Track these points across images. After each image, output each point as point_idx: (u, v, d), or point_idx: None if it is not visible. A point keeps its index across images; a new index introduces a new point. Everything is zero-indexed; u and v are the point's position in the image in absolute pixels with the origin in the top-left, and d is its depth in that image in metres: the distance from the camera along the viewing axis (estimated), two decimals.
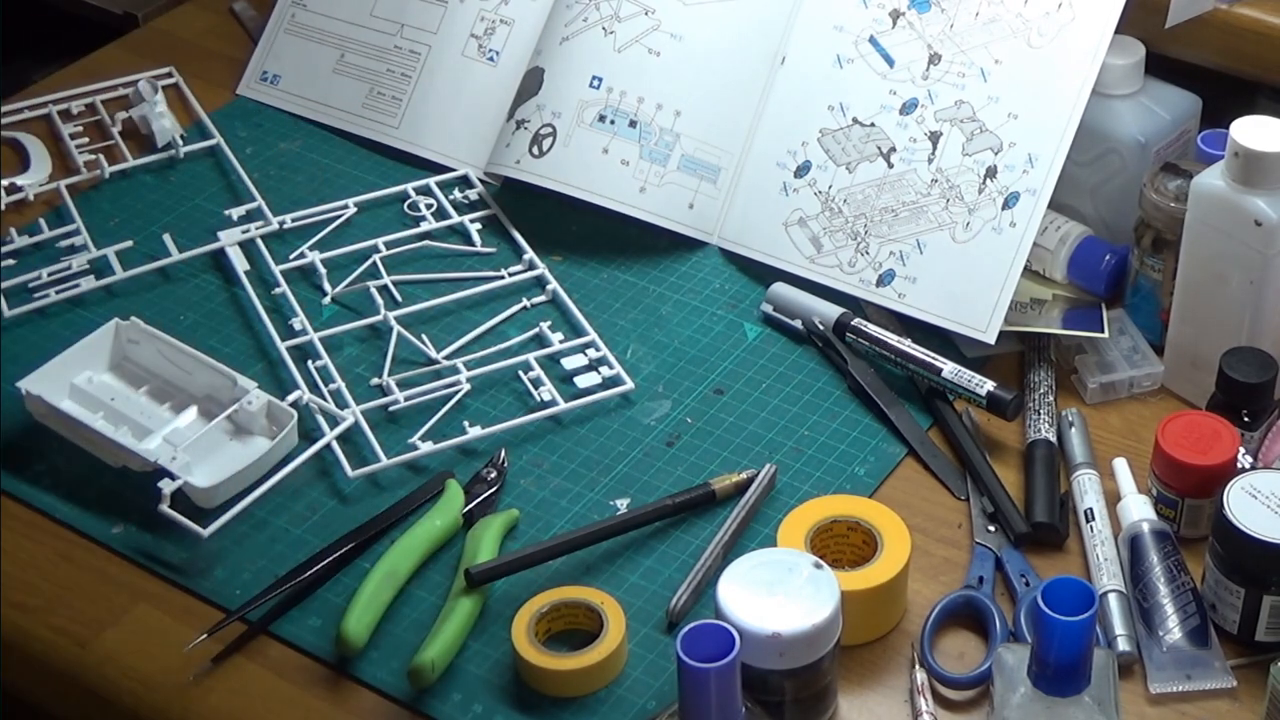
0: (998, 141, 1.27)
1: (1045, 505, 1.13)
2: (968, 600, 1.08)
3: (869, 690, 1.05)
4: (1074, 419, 1.19)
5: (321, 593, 1.10)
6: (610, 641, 1.04)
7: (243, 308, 1.32)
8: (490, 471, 1.17)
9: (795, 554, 1.01)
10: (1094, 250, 1.29)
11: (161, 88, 1.54)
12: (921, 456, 1.19)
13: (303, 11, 1.53)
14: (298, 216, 1.40)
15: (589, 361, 1.26)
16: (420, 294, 1.33)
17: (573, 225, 1.39)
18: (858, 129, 1.32)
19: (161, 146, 1.48)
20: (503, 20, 1.46)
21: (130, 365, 1.25)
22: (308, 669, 1.07)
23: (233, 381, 1.21)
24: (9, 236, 1.38)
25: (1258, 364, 1.14)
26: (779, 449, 1.19)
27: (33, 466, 1.19)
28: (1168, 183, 1.23)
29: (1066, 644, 0.91)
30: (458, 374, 1.25)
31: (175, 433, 1.19)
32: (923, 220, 1.28)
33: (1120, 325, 1.27)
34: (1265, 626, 1.04)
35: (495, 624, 1.08)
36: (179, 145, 1.48)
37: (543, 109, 1.39)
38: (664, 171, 1.36)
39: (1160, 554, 1.08)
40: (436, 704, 1.04)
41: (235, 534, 1.14)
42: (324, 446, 1.18)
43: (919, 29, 1.32)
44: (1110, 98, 1.29)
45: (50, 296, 1.32)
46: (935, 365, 1.22)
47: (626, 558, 1.12)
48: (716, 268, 1.35)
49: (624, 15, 1.38)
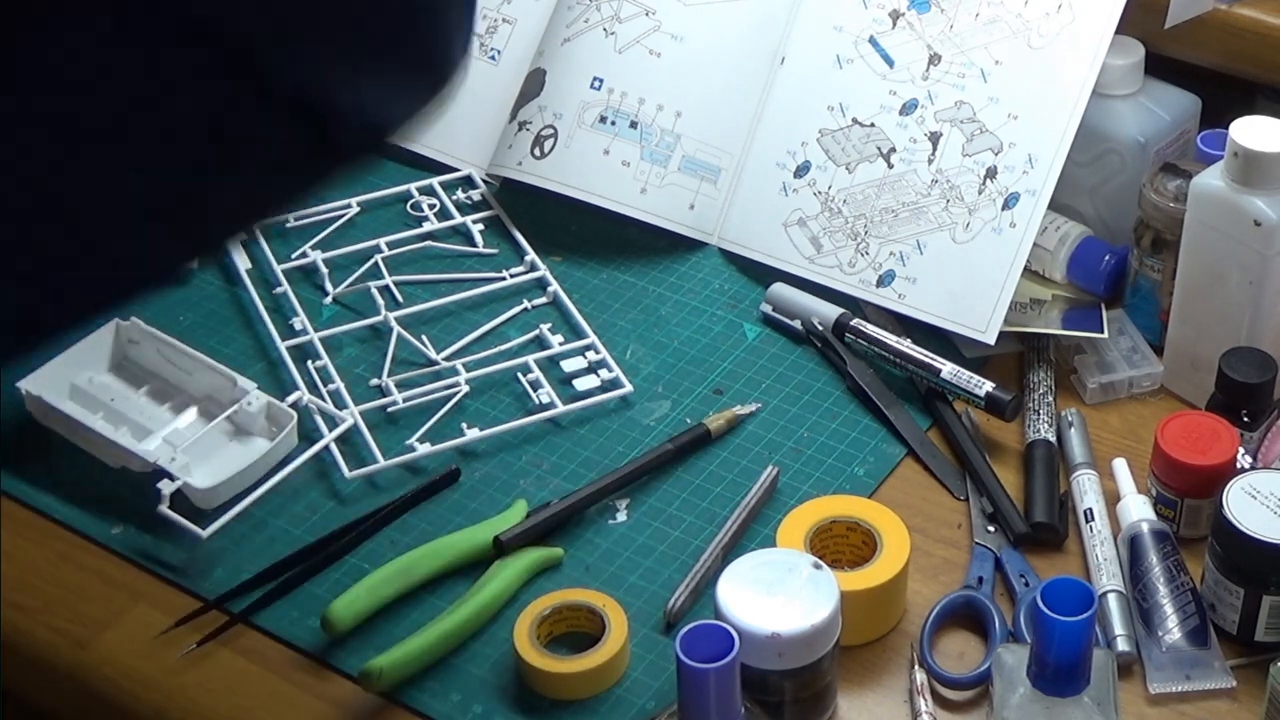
0: (998, 142, 1.27)
1: (1045, 505, 1.13)
2: (967, 600, 1.08)
3: (869, 690, 1.05)
4: (1073, 419, 1.19)
5: (318, 591, 1.11)
6: (612, 644, 1.04)
7: (243, 307, 1.32)
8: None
9: (795, 554, 1.01)
10: (1094, 250, 1.29)
11: None
12: (921, 457, 1.19)
13: None
14: (300, 215, 1.40)
15: (588, 364, 1.26)
16: (421, 294, 1.33)
17: (572, 225, 1.39)
18: (857, 129, 1.32)
19: None
20: (505, 19, 1.46)
21: (130, 365, 1.25)
22: (308, 667, 1.07)
23: (232, 382, 1.21)
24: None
25: (1257, 364, 1.14)
26: (778, 449, 1.19)
27: (33, 466, 1.19)
28: (1167, 183, 1.22)
29: (1066, 644, 0.91)
30: (457, 375, 1.25)
31: (175, 433, 1.19)
32: (923, 221, 1.28)
33: (1120, 325, 1.27)
34: (1265, 626, 1.04)
35: (495, 624, 1.08)
36: None
37: (544, 110, 1.39)
38: (665, 172, 1.36)
39: (1160, 554, 1.08)
40: (436, 704, 1.04)
41: (234, 534, 1.14)
42: (323, 448, 1.18)
43: (919, 29, 1.32)
44: (1110, 98, 1.29)
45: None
46: (934, 366, 1.22)
47: (626, 558, 1.12)
48: (716, 268, 1.35)
49: (625, 16, 1.38)
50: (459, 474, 1.17)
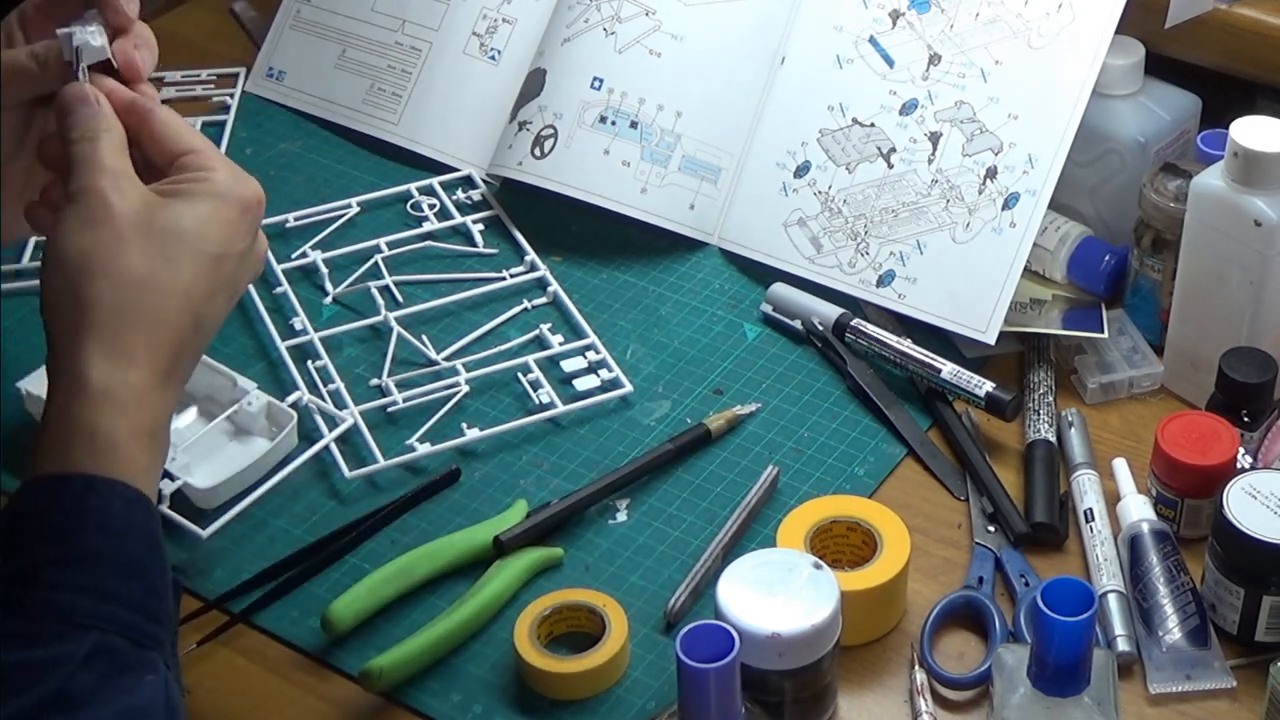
0: (998, 142, 1.27)
1: (1045, 505, 1.13)
2: (967, 600, 1.08)
3: (869, 690, 1.05)
4: (1073, 419, 1.19)
5: (318, 591, 1.11)
6: (613, 644, 1.04)
7: (244, 307, 1.32)
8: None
9: (795, 554, 1.01)
10: (1094, 250, 1.29)
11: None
12: (921, 457, 1.19)
13: (307, 7, 1.53)
14: (300, 215, 1.40)
15: (588, 364, 1.26)
16: (421, 294, 1.33)
17: (572, 225, 1.39)
18: (858, 129, 1.32)
19: None
20: (505, 19, 1.46)
21: None
22: (308, 667, 1.07)
23: (232, 382, 1.21)
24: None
25: (1257, 364, 1.14)
26: (779, 449, 1.19)
27: None
28: (1167, 183, 1.22)
29: (1066, 644, 0.91)
30: (457, 375, 1.25)
31: (175, 433, 1.19)
32: (923, 221, 1.28)
33: (1120, 325, 1.27)
34: (1265, 626, 1.04)
35: (495, 624, 1.08)
36: None
37: (544, 110, 1.39)
38: (665, 172, 1.36)
39: (1160, 554, 1.08)
40: (436, 704, 1.04)
41: (234, 534, 1.14)
42: (323, 448, 1.18)
43: (919, 29, 1.32)
44: (1110, 98, 1.29)
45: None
46: (935, 366, 1.22)
47: (626, 558, 1.12)
48: (716, 268, 1.35)
49: (625, 16, 1.38)
50: (459, 474, 1.17)
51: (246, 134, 1.50)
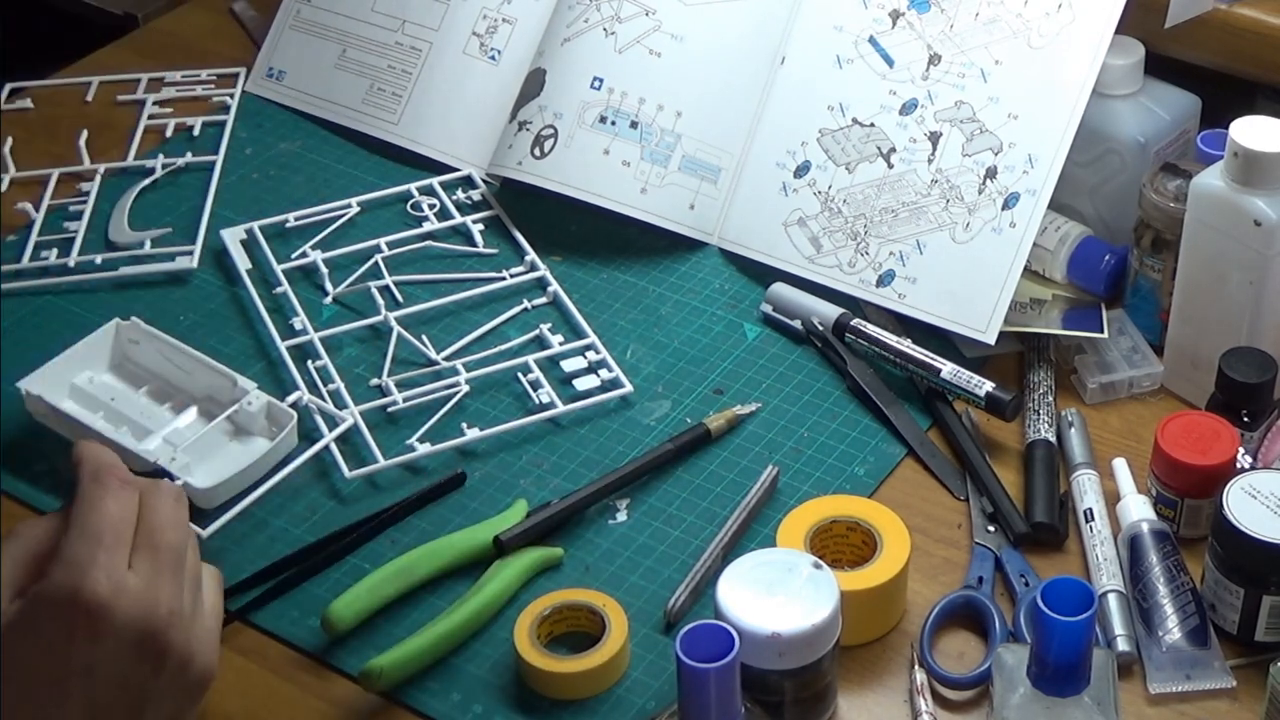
0: (998, 142, 1.27)
1: (1045, 505, 1.13)
2: (967, 600, 1.08)
3: (869, 690, 1.05)
4: (1073, 419, 1.19)
5: (318, 591, 1.11)
6: (613, 644, 1.04)
7: (243, 307, 1.32)
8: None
9: (795, 554, 1.01)
10: (1094, 250, 1.29)
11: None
12: (921, 457, 1.19)
13: (307, 7, 1.53)
14: (300, 215, 1.40)
15: (588, 364, 1.26)
16: (421, 294, 1.33)
17: (572, 225, 1.39)
18: (857, 129, 1.32)
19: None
20: (505, 19, 1.46)
21: (130, 365, 1.25)
22: (308, 667, 1.07)
23: (232, 382, 1.21)
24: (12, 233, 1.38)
25: (1257, 364, 1.14)
26: (778, 449, 1.19)
27: (33, 466, 1.19)
28: (1167, 183, 1.23)
29: (1066, 644, 0.91)
30: (457, 375, 1.25)
31: (175, 433, 1.19)
32: (923, 221, 1.28)
33: (1120, 325, 1.27)
34: (1265, 626, 1.04)
35: (495, 624, 1.08)
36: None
37: (544, 110, 1.39)
38: (665, 172, 1.36)
39: (1160, 554, 1.08)
40: (436, 704, 1.04)
41: (235, 534, 1.14)
42: (323, 448, 1.18)
43: (919, 29, 1.32)
44: (1110, 98, 1.29)
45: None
46: (934, 365, 1.22)
47: (626, 558, 1.12)
48: (716, 268, 1.35)
49: (625, 16, 1.38)
50: (465, 477, 1.17)
51: (246, 134, 1.50)
